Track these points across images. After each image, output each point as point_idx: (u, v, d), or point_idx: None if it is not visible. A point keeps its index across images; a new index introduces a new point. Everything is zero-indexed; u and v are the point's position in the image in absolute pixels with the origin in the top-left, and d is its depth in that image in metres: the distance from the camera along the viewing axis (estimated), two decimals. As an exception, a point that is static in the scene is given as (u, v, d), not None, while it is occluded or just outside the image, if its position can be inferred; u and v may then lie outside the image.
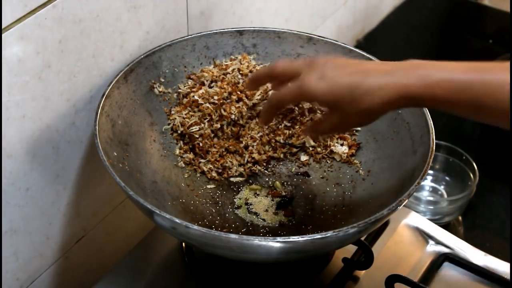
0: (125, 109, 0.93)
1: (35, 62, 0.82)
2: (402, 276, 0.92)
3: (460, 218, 1.25)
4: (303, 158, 1.00)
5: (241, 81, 0.99)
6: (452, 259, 1.00)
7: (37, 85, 0.83)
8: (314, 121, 0.88)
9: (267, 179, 0.99)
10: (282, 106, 0.89)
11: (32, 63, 0.81)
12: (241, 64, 1.01)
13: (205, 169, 0.97)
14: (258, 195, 0.96)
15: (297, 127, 1.00)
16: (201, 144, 0.97)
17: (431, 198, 1.25)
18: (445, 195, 1.27)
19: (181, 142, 0.98)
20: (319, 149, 0.99)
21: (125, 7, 0.91)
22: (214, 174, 0.97)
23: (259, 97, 0.98)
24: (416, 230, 1.03)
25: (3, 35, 0.76)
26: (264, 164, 0.99)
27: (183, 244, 0.97)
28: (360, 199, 0.93)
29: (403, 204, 0.81)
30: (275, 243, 0.76)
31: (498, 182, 1.31)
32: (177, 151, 0.97)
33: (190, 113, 0.97)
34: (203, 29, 1.05)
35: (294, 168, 1.00)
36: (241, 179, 0.98)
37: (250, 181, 0.98)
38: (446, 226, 1.19)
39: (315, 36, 1.02)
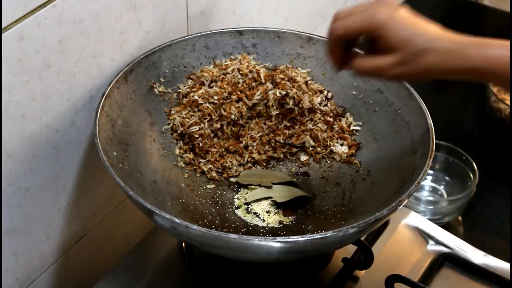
0: (125, 109, 0.93)
1: (35, 62, 0.82)
2: (402, 276, 0.92)
3: (460, 218, 1.25)
4: (303, 158, 1.00)
5: (241, 81, 0.99)
6: (452, 259, 1.00)
7: (37, 85, 0.83)
8: (359, 57, 0.78)
9: (267, 179, 0.99)
10: (346, 38, 0.78)
11: (32, 63, 0.81)
12: (241, 64, 1.01)
13: (205, 169, 0.97)
14: None
15: (297, 127, 1.00)
16: (201, 144, 0.97)
17: (431, 198, 1.25)
18: (445, 195, 1.27)
19: (181, 142, 0.98)
20: (319, 149, 0.99)
21: (125, 7, 0.91)
22: (214, 174, 0.97)
23: (259, 97, 0.98)
24: (416, 230, 1.03)
25: (3, 35, 0.76)
26: (264, 164, 0.99)
27: (183, 244, 0.97)
28: (360, 199, 0.93)
29: (403, 204, 0.81)
30: (275, 243, 0.76)
31: (498, 182, 1.31)
32: (177, 151, 0.97)
33: (190, 113, 0.97)
34: (203, 29, 1.05)
35: (294, 168, 1.00)
36: (241, 179, 0.98)
37: (250, 181, 0.98)
38: (446, 226, 1.19)
39: (315, 36, 1.02)
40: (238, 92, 0.98)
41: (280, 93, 0.98)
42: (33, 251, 0.94)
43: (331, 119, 1.00)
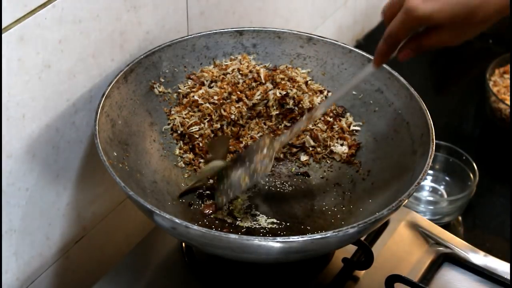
0: (125, 109, 0.93)
1: (35, 62, 0.82)
2: (402, 276, 0.92)
3: (460, 218, 1.25)
4: (303, 158, 1.00)
5: (241, 81, 0.99)
6: (452, 259, 1.00)
7: (37, 85, 0.83)
8: (415, 38, 0.81)
9: (267, 179, 0.99)
10: (396, 41, 0.81)
11: (32, 63, 0.81)
12: (241, 64, 1.01)
13: (205, 169, 0.97)
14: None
15: (297, 127, 1.00)
16: (201, 144, 0.97)
17: (431, 198, 1.25)
18: (445, 195, 1.27)
19: (181, 142, 0.98)
20: (319, 149, 0.99)
21: (125, 7, 0.91)
22: (214, 174, 0.97)
23: (259, 97, 0.98)
24: (416, 230, 1.03)
25: (3, 35, 0.76)
26: (264, 164, 0.99)
27: (183, 244, 0.97)
28: (360, 199, 0.93)
29: (403, 204, 0.81)
30: (275, 243, 0.76)
31: (498, 182, 1.31)
32: (177, 151, 0.97)
33: (190, 113, 0.97)
34: (203, 29, 1.05)
35: (294, 168, 1.00)
36: (241, 179, 0.98)
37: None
38: (446, 226, 1.19)
39: (315, 36, 1.02)
40: (238, 92, 0.98)
41: (280, 93, 0.98)
42: (33, 251, 0.94)
43: (331, 119, 1.00)
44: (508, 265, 0.99)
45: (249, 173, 0.90)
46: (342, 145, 0.99)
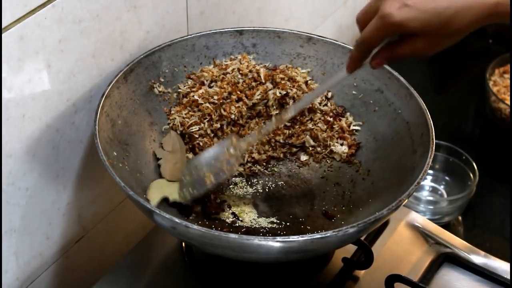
0: (125, 109, 0.93)
1: (35, 62, 0.82)
2: (402, 276, 0.92)
3: (460, 218, 1.25)
4: (303, 158, 1.00)
5: (240, 80, 0.99)
6: (452, 259, 1.00)
7: (37, 85, 0.83)
8: (389, 46, 0.81)
9: (267, 179, 0.99)
10: (371, 46, 0.80)
11: (32, 63, 0.81)
12: (241, 63, 1.01)
13: (205, 169, 0.97)
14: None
15: (297, 127, 1.00)
16: (201, 144, 0.97)
17: (431, 198, 1.25)
18: (445, 195, 1.27)
19: (181, 142, 0.98)
20: (319, 149, 0.99)
21: (125, 7, 0.91)
22: (214, 174, 0.97)
23: (259, 97, 0.98)
24: (416, 230, 1.03)
25: (3, 35, 0.76)
26: (264, 164, 0.99)
27: (183, 244, 0.97)
28: (360, 199, 0.93)
29: (403, 204, 0.81)
30: (275, 243, 0.76)
31: (498, 182, 1.31)
32: (177, 151, 0.97)
33: (190, 113, 0.97)
34: (203, 29, 1.05)
35: (294, 168, 1.00)
36: (241, 179, 0.98)
37: (250, 181, 0.98)
38: (446, 226, 1.19)
39: (315, 36, 1.02)
40: (238, 92, 0.98)
41: (280, 93, 0.98)
42: (33, 251, 0.94)
43: (331, 119, 1.00)
44: (508, 265, 0.99)
45: (214, 172, 0.89)
46: (342, 144, 0.99)
